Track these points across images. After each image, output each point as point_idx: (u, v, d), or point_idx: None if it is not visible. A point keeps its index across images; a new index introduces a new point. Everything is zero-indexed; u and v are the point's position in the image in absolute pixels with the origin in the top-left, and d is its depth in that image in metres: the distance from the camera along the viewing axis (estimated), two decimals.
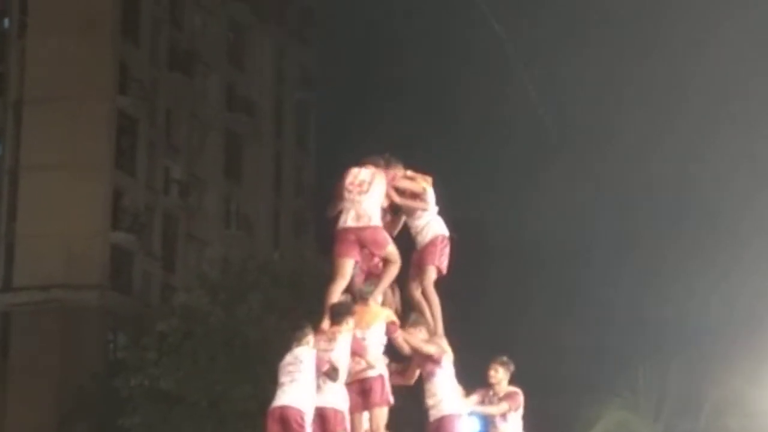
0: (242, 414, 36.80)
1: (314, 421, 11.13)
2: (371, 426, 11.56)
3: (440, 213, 12.55)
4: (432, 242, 12.27)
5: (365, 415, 11.66)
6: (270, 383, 34.24)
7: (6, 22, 59.46)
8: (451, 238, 12.58)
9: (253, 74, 65.39)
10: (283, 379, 11.27)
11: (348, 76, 70.48)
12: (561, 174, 53.51)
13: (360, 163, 12.21)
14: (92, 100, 55.86)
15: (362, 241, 11.74)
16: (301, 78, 69.11)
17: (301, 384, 11.08)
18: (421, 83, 66.52)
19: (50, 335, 52.14)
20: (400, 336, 11.79)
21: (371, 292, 11.78)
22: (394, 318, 11.88)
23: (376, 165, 12.08)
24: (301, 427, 10.82)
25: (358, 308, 11.69)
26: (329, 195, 12.32)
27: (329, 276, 12.05)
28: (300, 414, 10.86)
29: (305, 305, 36.70)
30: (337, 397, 11.24)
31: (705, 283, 33.82)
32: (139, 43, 59.13)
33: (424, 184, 12.41)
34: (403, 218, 12.47)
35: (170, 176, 59.84)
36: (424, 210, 12.31)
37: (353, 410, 11.43)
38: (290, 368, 11.19)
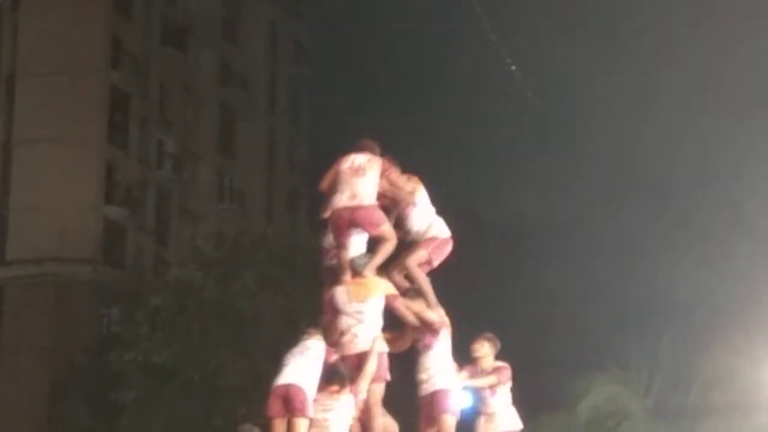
0: (236, 389, 37.02)
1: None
2: (368, 400, 11.56)
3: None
4: (433, 237, 12.29)
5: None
6: (264, 358, 34.63)
7: None
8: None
9: (247, 49, 65.41)
10: (288, 360, 11.35)
11: (341, 52, 70.57)
12: (550, 159, 53.81)
13: (357, 147, 12.24)
14: (85, 75, 55.89)
15: (356, 220, 11.77)
16: (294, 53, 69.15)
17: (306, 366, 11.19)
18: (414, 59, 66.49)
19: (43, 309, 52.24)
20: (402, 304, 11.79)
21: (364, 265, 11.73)
22: (392, 289, 11.87)
23: (373, 152, 12.13)
24: (303, 405, 10.88)
25: (354, 280, 11.75)
26: (321, 175, 12.26)
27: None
28: (303, 392, 10.91)
29: (298, 280, 37.01)
30: None
31: (694, 258, 33.93)
32: (132, 17, 59.12)
33: (415, 186, 12.36)
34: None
35: (163, 150, 59.88)
36: (409, 204, 12.24)
37: (351, 383, 11.36)
38: (297, 352, 11.33)
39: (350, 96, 65.58)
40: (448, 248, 12.41)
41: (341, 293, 11.69)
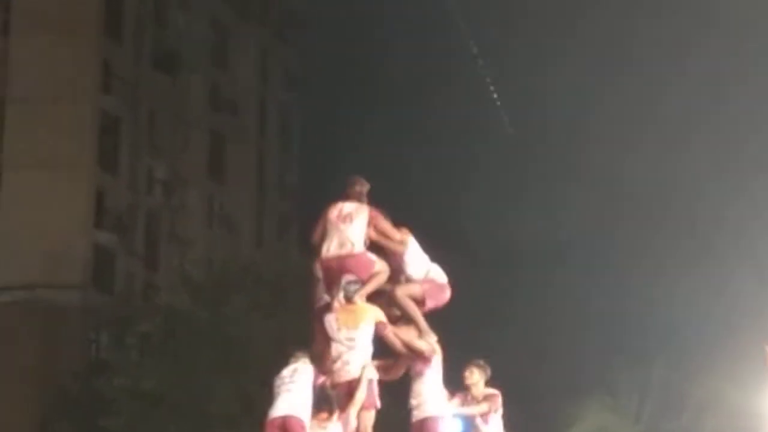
0: (225, 415, 36.95)
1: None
2: (359, 427, 11.57)
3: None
4: (431, 279, 12.27)
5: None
6: (253, 383, 34.56)
7: None
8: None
9: (237, 74, 65.49)
10: (281, 389, 11.38)
11: (331, 77, 70.67)
12: (542, 178, 53.82)
13: (346, 185, 12.28)
14: (75, 99, 55.83)
15: (346, 269, 11.81)
16: (284, 78, 69.22)
17: (299, 394, 11.24)
18: (401, 84, 66.58)
19: (31, 334, 52.13)
20: (391, 332, 11.81)
21: (355, 291, 11.71)
22: (382, 316, 11.87)
23: (361, 193, 12.18)
24: None
25: (344, 307, 11.74)
26: (312, 222, 12.33)
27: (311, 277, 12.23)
28: (301, 423, 10.99)
29: (288, 305, 36.97)
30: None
31: (685, 286, 34.00)
32: (122, 42, 59.21)
33: (405, 237, 12.31)
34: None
35: (153, 176, 59.90)
36: (397, 251, 12.23)
37: (342, 410, 11.42)
38: (287, 379, 11.35)
39: (340, 121, 65.55)
40: (445, 295, 12.41)
41: (331, 320, 11.66)
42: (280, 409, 11.16)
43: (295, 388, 11.21)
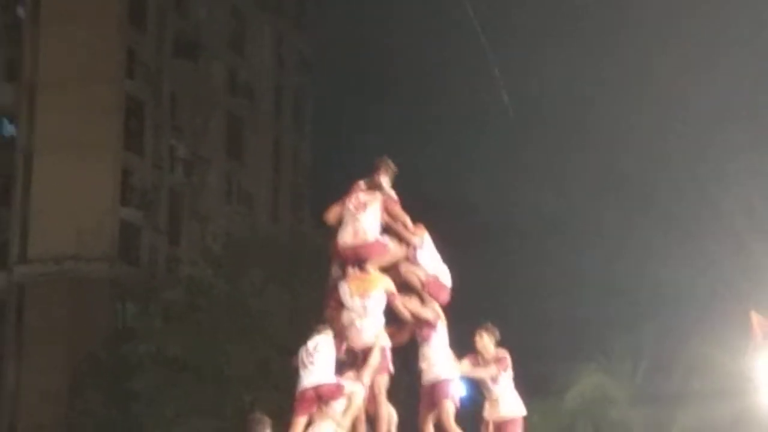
0: (243, 378, 36.95)
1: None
2: (373, 390, 11.61)
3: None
4: (437, 277, 12.33)
5: None
6: (270, 350, 34.58)
7: (21, 10, 59.38)
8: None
9: (254, 60, 65.34)
10: (306, 361, 11.28)
11: (342, 62, 70.45)
12: (540, 154, 53.69)
13: (370, 175, 12.32)
14: (101, 84, 55.82)
15: (361, 257, 11.85)
16: (298, 64, 69.04)
17: (324, 363, 11.18)
18: (409, 68, 66.51)
19: (63, 305, 52.25)
20: (399, 301, 11.83)
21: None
22: (392, 286, 11.88)
23: (380, 186, 12.21)
24: (335, 392, 11.01)
25: (357, 276, 11.80)
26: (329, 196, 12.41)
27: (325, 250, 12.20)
28: (333, 387, 11.00)
29: (303, 277, 36.91)
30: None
31: (675, 258, 33.91)
32: (145, 30, 59.10)
33: (421, 233, 12.40)
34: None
35: (175, 155, 59.88)
36: (409, 241, 12.27)
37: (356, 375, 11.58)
38: (312, 351, 11.26)
39: (350, 103, 65.45)
40: (445, 295, 12.40)
41: (345, 288, 11.72)
42: (309, 380, 11.07)
43: (319, 358, 11.12)
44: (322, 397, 10.97)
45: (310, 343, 11.37)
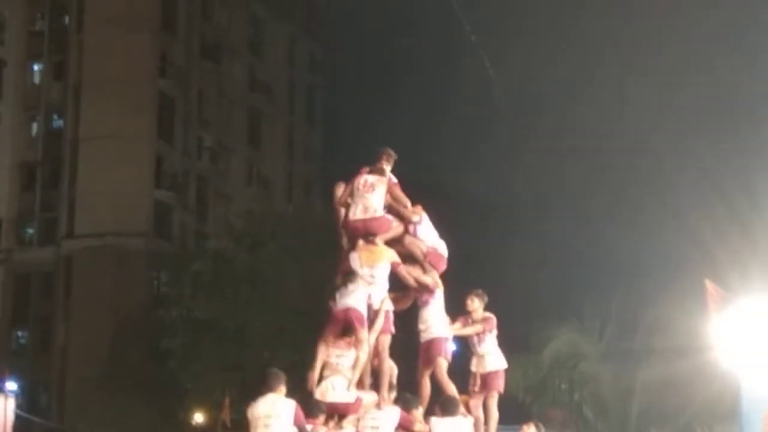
0: (261, 338, 36.93)
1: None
2: (377, 348, 11.72)
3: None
4: (435, 248, 12.45)
5: None
6: (284, 313, 34.24)
7: (66, 18, 59.29)
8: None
9: (270, 61, 65.23)
10: (343, 292, 11.57)
11: (348, 63, 70.29)
12: (512, 138, 53.51)
13: (373, 161, 12.35)
14: (138, 83, 55.79)
15: (369, 229, 11.95)
16: (309, 64, 68.97)
17: (358, 295, 11.50)
18: (408, 66, 66.35)
19: (105, 274, 52.29)
20: (403, 269, 11.95)
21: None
22: (396, 257, 11.99)
23: (383, 171, 12.25)
24: (361, 322, 11.27)
25: (366, 247, 11.88)
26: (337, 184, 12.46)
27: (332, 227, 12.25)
28: (360, 315, 11.30)
29: (313, 250, 36.74)
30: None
31: (639, 230, 33.79)
32: (176, 35, 59.02)
33: (420, 213, 12.50)
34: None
35: (202, 144, 59.95)
36: (409, 219, 12.36)
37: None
38: (350, 287, 11.59)
39: (356, 98, 65.19)
40: (442, 264, 12.52)
41: (355, 258, 11.81)
42: (343, 303, 11.37)
43: (354, 289, 11.41)
44: (349, 320, 11.23)
45: (348, 287, 11.60)
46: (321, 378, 11.16)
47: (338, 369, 11.16)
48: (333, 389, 11.03)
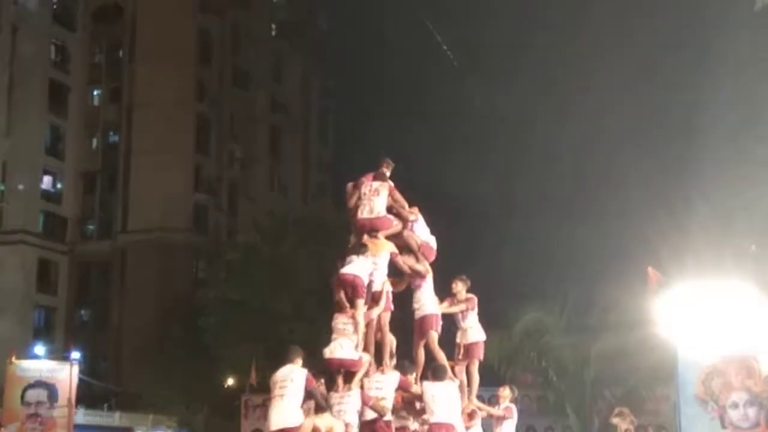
0: (282, 315, 36.92)
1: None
2: (379, 323, 11.85)
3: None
4: (428, 242, 12.50)
5: None
6: (301, 295, 34.07)
7: (121, 52, 59.43)
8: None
9: (288, 88, 65.20)
10: (353, 260, 11.67)
11: (354, 89, 70.33)
12: (482, 147, 53.39)
13: (376, 168, 12.40)
14: (179, 105, 55.97)
15: (375, 227, 12.02)
16: (321, 89, 68.95)
17: (362, 265, 11.60)
18: (405, 91, 66.10)
19: (152, 263, 52.45)
20: (400, 259, 12.14)
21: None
22: (395, 249, 12.13)
23: (384, 177, 12.29)
24: (362, 291, 11.41)
25: (371, 241, 11.94)
26: (345, 193, 12.54)
27: (345, 227, 12.33)
28: (362, 282, 11.46)
29: (325, 244, 36.70)
30: None
31: (593, 222, 33.50)
32: (211, 66, 59.22)
33: (416, 213, 12.54)
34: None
35: (233, 156, 60.02)
36: (407, 218, 12.39)
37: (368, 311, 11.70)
38: (355, 258, 11.68)
39: (361, 119, 65.08)
40: (432, 256, 12.54)
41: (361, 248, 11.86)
42: (349, 269, 11.53)
43: (359, 261, 11.58)
44: (353, 285, 11.42)
45: (358, 257, 11.73)
46: (330, 340, 11.31)
47: (344, 332, 11.23)
48: (341, 348, 11.13)
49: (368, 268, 11.58)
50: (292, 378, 10.50)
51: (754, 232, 24.14)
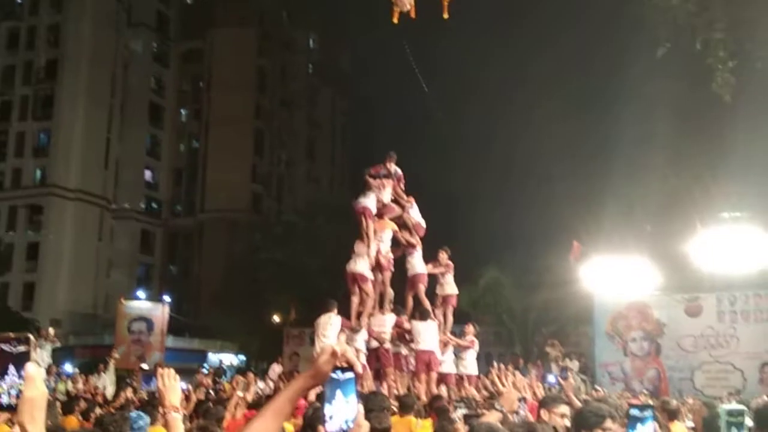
0: (314, 271, 36.71)
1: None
2: (383, 281, 11.83)
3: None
4: (419, 223, 12.38)
5: None
6: (329, 257, 33.78)
7: (201, 83, 59.25)
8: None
9: (320, 109, 64.69)
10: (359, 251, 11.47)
11: (366, 116, 70.04)
12: (450, 148, 53.03)
13: (386, 158, 12.13)
14: (242, 121, 55.94)
15: (381, 213, 11.87)
16: (344, 110, 68.33)
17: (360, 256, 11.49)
18: (402, 111, 66.00)
19: (222, 234, 52.44)
20: (399, 234, 12.10)
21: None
22: (395, 226, 12.05)
23: (390, 169, 12.09)
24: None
25: (379, 223, 11.77)
26: (362, 183, 12.26)
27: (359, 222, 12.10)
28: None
29: (347, 224, 36.69)
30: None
31: (534, 206, 32.85)
32: (265, 93, 59.05)
33: (412, 201, 12.45)
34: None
35: (281, 158, 59.86)
36: (405, 206, 12.23)
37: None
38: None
39: (372, 136, 64.96)
40: (422, 232, 12.40)
41: (371, 228, 11.76)
42: (350, 269, 11.47)
43: (360, 255, 11.49)
44: (358, 281, 11.28)
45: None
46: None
47: (360, 254, 11.45)
48: (356, 264, 11.37)
49: (366, 261, 11.41)
50: (331, 323, 10.66)
51: (649, 217, 24.04)
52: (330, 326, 10.55)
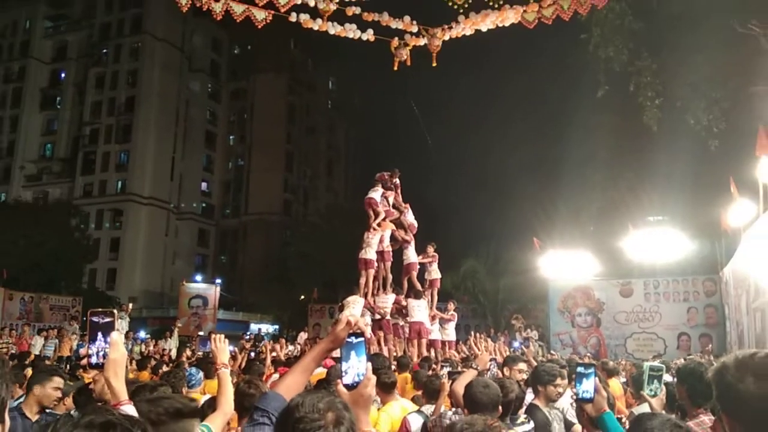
0: (335, 261, 36.48)
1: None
2: (385, 269, 11.61)
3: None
4: (413, 223, 12.18)
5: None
6: (343, 251, 33.45)
7: (245, 115, 59.16)
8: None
9: (336, 136, 64.65)
10: (369, 241, 11.20)
11: (373, 138, 69.89)
12: (442, 170, 52.93)
13: (389, 174, 11.92)
14: (276, 145, 55.84)
15: (386, 216, 11.64)
16: (355, 138, 67.99)
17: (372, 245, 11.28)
18: (402, 139, 65.75)
19: (260, 233, 52.38)
20: (396, 232, 11.86)
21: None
22: (393, 227, 11.86)
23: (393, 183, 11.91)
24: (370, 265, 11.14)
25: (384, 223, 11.63)
26: (375, 184, 11.98)
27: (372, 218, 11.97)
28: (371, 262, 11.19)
29: (356, 224, 36.50)
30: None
31: (501, 209, 32.44)
32: (295, 123, 58.81)
33: (407, 206, 12.29)
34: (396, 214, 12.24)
35: (306, 174, 59.71)
36: (403, 210, 12.07)
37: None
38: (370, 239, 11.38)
39: (375, 155, 64.85)
40: (414, 230, 12.18)
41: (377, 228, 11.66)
42: (363, 253, 11.27)
43: (369, 242, 11.31)
44: (365, 266, 11.08)
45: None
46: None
47: (369, 243, 11.27)
48: (365, 253, 11.20)
49: (374, 248, 11.27)
50: (357, 301, 10.69)
51: (592, 219, 23.89)
52: (357, 304, 10.65)
